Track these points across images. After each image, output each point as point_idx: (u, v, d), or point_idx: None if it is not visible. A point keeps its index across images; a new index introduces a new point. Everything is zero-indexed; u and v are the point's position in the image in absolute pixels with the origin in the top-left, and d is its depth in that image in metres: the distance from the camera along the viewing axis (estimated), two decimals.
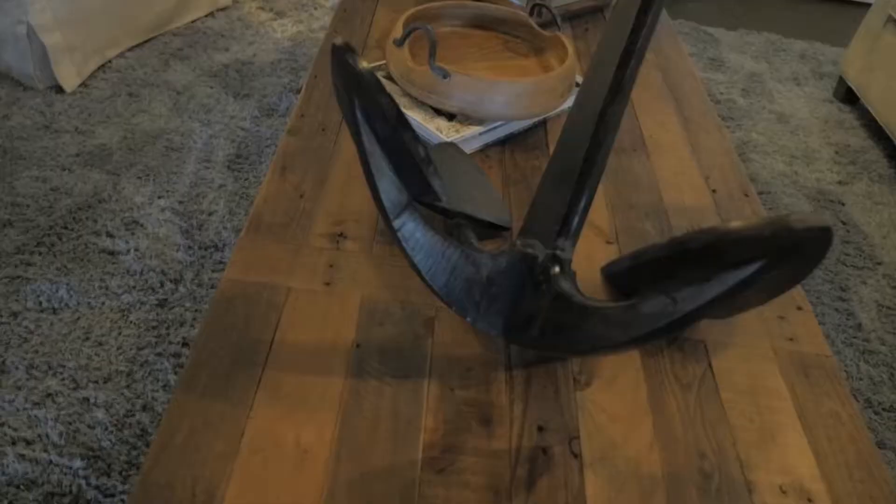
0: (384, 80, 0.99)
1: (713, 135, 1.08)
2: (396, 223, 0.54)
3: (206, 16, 1.99)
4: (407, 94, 0.96)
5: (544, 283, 0.58)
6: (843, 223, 1.59)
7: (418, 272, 0.57)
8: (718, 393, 0.67)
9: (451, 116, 0.94)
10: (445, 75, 0.90)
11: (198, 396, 0.59)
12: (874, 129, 1.99)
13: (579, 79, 1.07)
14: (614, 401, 0.64)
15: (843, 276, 1.41)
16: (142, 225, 1.27)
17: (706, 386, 0.67)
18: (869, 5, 2.96)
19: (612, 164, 0.97)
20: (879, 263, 1.50)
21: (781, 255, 0.39)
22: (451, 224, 0.74)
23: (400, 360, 0.65)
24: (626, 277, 0.66)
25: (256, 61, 1.81)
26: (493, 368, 0.65)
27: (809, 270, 0.45)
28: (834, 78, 2.24)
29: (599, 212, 0.87)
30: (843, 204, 1.66)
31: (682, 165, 1.00)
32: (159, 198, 1.34)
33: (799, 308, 0.78)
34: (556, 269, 0.58)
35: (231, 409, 0.59)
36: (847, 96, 2.10)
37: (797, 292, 0.79)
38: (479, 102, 0.90)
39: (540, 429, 0.61)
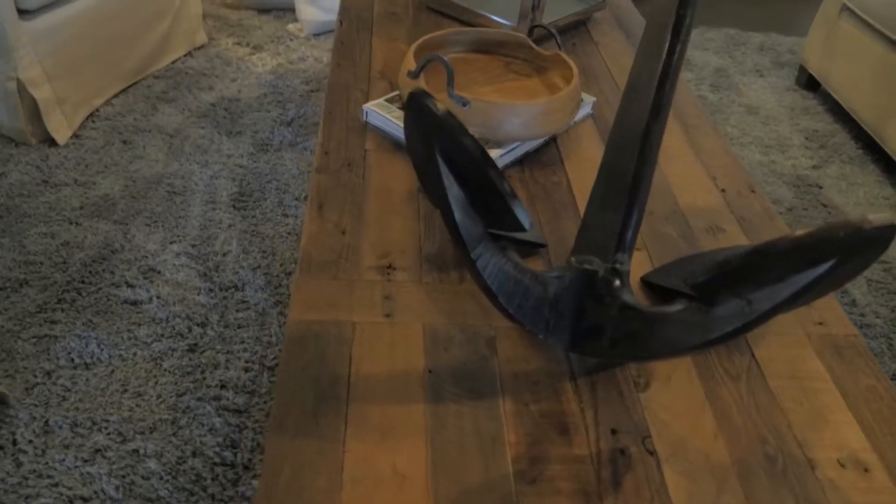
0: (400, 111, 1.03)
1: (710, 136, 1.14)
2: (474, 254, 0.57)
3: (184, 56, 2.00)
4: None
5: (607, 297, 0.62)
6: (824, 206, 1.68)
7: (494, 297, 0.61)
8: (766, 381, 0.72)
9: None
10: (465, 103, 0.94)
11: (291, 437, 0.62)
12: (838, 112, 2.09)
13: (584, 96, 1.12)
14: (674, 398, 0.69)
15: None
16: (159, 272, 1.28)
17: (753, 375, 0.72)
18: None
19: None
20: None
21: (852, 253, 0.44)
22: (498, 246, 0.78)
23: (471, 381, 0.68)
24: (673, 283, 0.70)
25: (242, 97, 1.83)
26: (559, 379, 0.69)
27: (869, 265, 0.50)
28: (794, 67, 2.35)
29: None
30: (821, 187, 1.75)
31: (689, 169, 1.05)
32: (171, 243, 1.35)
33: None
34: (617, 282, 0.62)
35: (326, 445, 0.61)
36: (809, 83, 2.20)
37: None
38: (498, 126, 0.95)
39: (613, 431, 0.65)
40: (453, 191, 0.55)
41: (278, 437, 0.62)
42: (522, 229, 0.54)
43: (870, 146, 1.93)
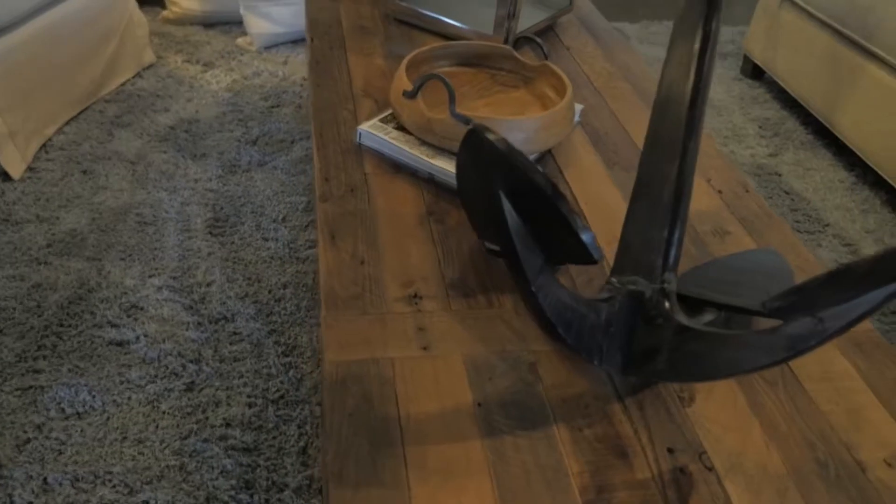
0: (396, 132, 1.01)
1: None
2: (535, 286, 0.57)
3: (134, 77, 1.91)
4: (425, 144, 0.98)
5: (659, 318, 0.62)
6: (787, 192, 1.74)
7: (551, 326, 0.60)
8: (801, 384, 0.73)
9: None
10: (467, 121, 0.92)
11: (353, 488, 0.60)
12: (786, 100, 2.18)
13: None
14: (720, 410, 0.70)
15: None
16: (142, 308, 1.22)
17: (789, 381, 0.74)
18: None
19: (622, 180, 1.03)
20: (827, 225, 1.66)
21: None
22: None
23: (521, 410, 0.67)
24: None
25: (201, 118, 1.76)
26: (607, 401, 0.69)
27: None
28: (738, 57, 2.43)
29: None
30: (780, 174, 1.82)
31: None
32: (150, 276, 1.28)
33: None
34: (667, 303, 0.63)
35: (390, 492, 0.59)
36: (754, 72, 2.28)
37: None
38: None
39: (670, 451, 0.65)
40: (516, 226, 0.54)
41: (340, 489, 0.59)
42: (593, 261, 0.53)
43: (819, 131, 2.02)
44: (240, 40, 2.13)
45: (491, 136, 0.50)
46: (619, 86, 1.28)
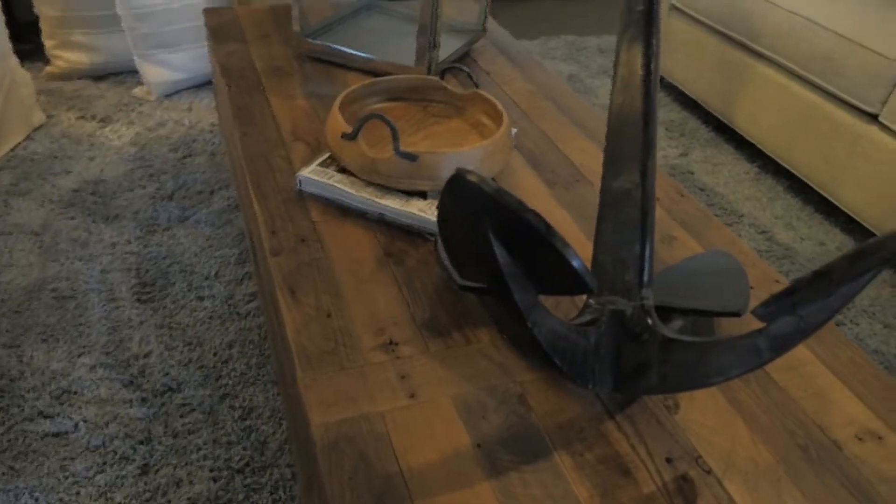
0: (339, 175, 0.98)
1: None
2: (530, 322, 0.57)
3: (24, 140, 1.77)
4: (371, 184, 0.96)
5: (644, 334, 0.64)
6: (701, 189, 1.85)
7: (548, 357, 0.60)
8: (771, 377, 0.77)
9: (423, 195, 0.96)
10: (414, 158, 0.92)
11: None
12: (685, 101, 2.31)
13: None
14: (705, 414, 0.72)
15: None
16: (76, 392, 1.12)
17: (760, 375, 0.77)
18: None
19: (566, 199, 1.05)
20: (742, 215, 1.77)
21: (892, 258, 0.49)
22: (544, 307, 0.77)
23: (521, 443, 0.67)
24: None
25: (108, 177, 1.66)
26: (600, 421, 0.70)
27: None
28: None
29: (589, 248, 0.94)
30: (693, 173, 1.92)
31: None
32: (80, 356, 1.19)
33: (777, 281, 0.92)
34: (649, 319, 0.64)
35: None
36: None
37: (764, 270, 0.94)
38: (450, 174, 0.94)
39: (668, 460, 0.67)
40: (507, 266, 0.54)
41: None
42: (587, 290, 0.54)
43: (719, 128, 2.15)
44: (136, 90, 2.03)
45: (477, 179, 0.49)
46: (542, 105, 1.31)
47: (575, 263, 0.50)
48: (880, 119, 1.60)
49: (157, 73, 1.98)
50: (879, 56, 1.58)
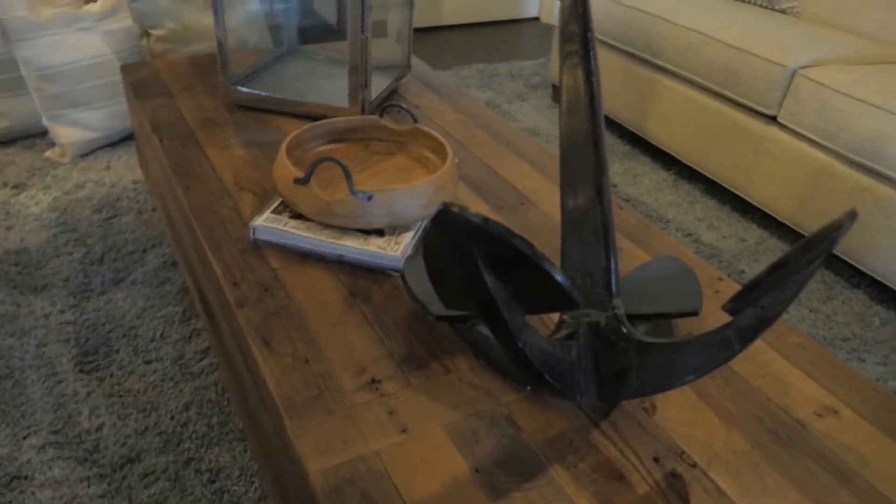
0: (293, 220, 0.98)
1: (555, 165, 1.26)
2: (521, 342, 0.59)
3: None
4: (328, 226, 0.97)
5: (620, 342, 0.67)
6: (626, 200, 1.94)
7: (537, 374, 0.62)
8: (731, 368, 0.82)
9: (380, 232, 0.97)
10: (369, 197, 0.93)
11: None
12: None
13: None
14: (680, 412, 0.76)
15: None
16: (26, 477, 1.05)
17: (721, 369, 0.82)
18: (533, 19, 3.56)
19: (514, 222, 1.09)
20: (668, 221, 1.87)
21: (833, 244, 0.55)
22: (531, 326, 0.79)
23: (517, 463, 0.69)
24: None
25: (30, 246, 1.58)
26: (587, 431, 0.73)
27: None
28: (546, 87, 2.67)
29: None
30: (616, 185, 2.02)
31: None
32: (25, 438, 1.11)
33: (720, 279, 0.99)
34: (623, 327, 0.68)
35: None
36: None
37: (706, 270, 1.00)
38: (403, 211, 0.96)
39: (655, 459, 0.70)
40: (498, 292, 0.56)
41: None
42: (574, 306, 0.57)
43: (634, 140, 2.27)
44: (49, 153, 1.94)
45: (463, 212, 0.52)
46: (476, 134, 1.36)
47: (562, 281, 0.53)
48: (779, 120, 1.74)
49: (70, 133, 1.91)
50: (771, 63, 1.72)
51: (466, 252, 0.54)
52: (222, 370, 1.13)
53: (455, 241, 0.54)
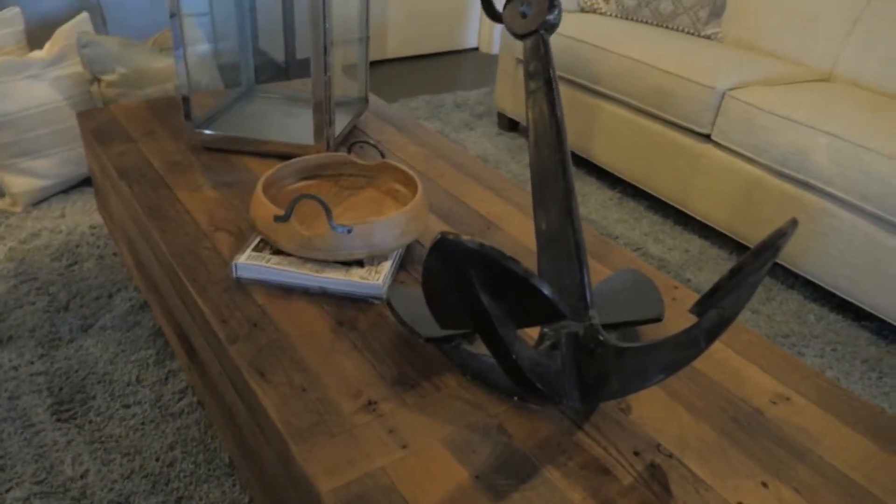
0: (275, 256, 1.02)
1: (514, 190, 1.34)
2: (514, 354, 0.65)
3: None
4: (309, 260, 1.01)
5: (598, 348, 0.74)
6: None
7: (529, 383, 0.69)
8: (694, 367, 0.91)
9: (360, 263, 1.02)
10: (349, 230, 0.98)
11: None
12: None
13: None
14: (653, 409, 0.83)
15: None
16: None
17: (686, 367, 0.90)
18: (473, 49, 3.68)
19: None
20: (616, 237, 1.97)
21: (780, 249, 0.63)
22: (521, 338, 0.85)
23: (513, 468, 0.74)
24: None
25: None
26: (572, 433, 0.79)
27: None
28: (492, 115, 2.78)
29: None
30: None
31: (528, 223, 1.24)
32: (8, 491, 1.10)
33: (675, 287, 1.07)
34: (600, 335, 0.75)
35: None
36: (510, 126, 2.63)
37: (663, 280, 1.09)
38: (381, 241, 1.01)
39: (636, 453, 0.77)
40: (494, 311, 0.62)
41: None
42: (562, 317, 0.63)
43: (579, 162, 2.39)
44: None
45: (461, 239, 0.58)
46: (437, 165, 1.43)
47: (550, 296, 0.60)
48: (712, 138, 1.88)
49: (21, 182, 1.89)
50: (702, 86, 1.86)
51: (464, 275, 0.60)
52: (208, 407, 1.15)
53: (453, 266, 0.60)
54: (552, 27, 0.83)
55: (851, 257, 1.65)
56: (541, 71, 0.81)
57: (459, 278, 0.60)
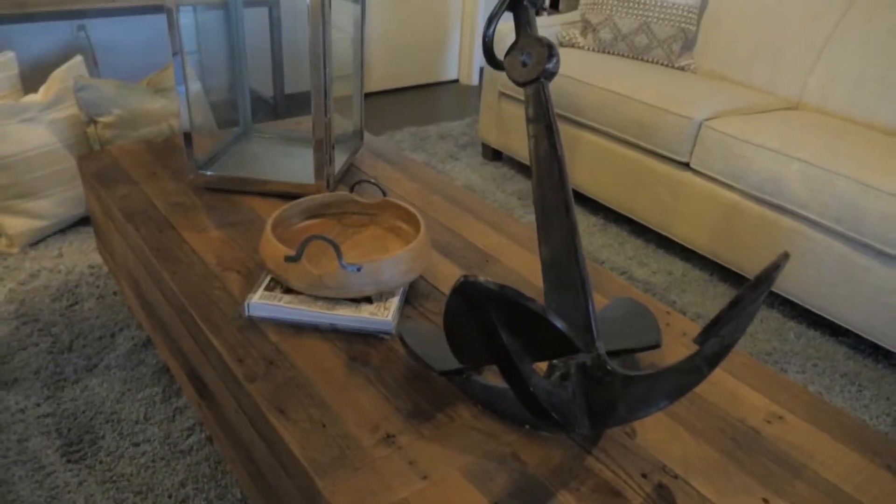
0: (287, 295, 1.06)
1: (508, 223, 1.40)
2: (531, 386, 0.70)
3: None
4: (320, 298, 1.05)
5: (606, 377, 0.79)
6: None
7: (546, 414, 0.73)
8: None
9: (368, 299, 1.07)
10: (359, 268, 1.03)
11: None
12: (526, 170, 2.62)
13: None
14: (656, 432, 0.88)
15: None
16: None
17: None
18: (453, 81, 3.77)
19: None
20: (603, 262, 2.04)
21: (774, 280, 0.69)
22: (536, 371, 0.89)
23: (530, 494, 0.79)
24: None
25: None
26: (582, 459, 0.84)
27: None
28: (476, 145, 2.85)
29: None
30: None
31: (524, 254, 1.29)
32: None
33: (668, 312, 1.13)
34: (608, 365, 0.80)
35: None
36: (494, 155, 2.70)
37: (656, 306, 1.15)
38: (390, 278, 1.06)
39: (644, 475, 0.82)
40: (513, 348, 0.67)
41: None
42: (576, 351, 0.68)
43: None
44: None
45: (483, 281, 0.63)
46: (432, 199, 1.48)
47: (567, 332, 0.65)
48: (691, 166, 1.96)
49: (18, 223, 1.90)
50: (680, 116, 1.95)
51: (485, 314, 0.65)
52: (219, 443, 1.17)
53: (474, 306, 0.65)
54: (551, 75, 0.89)
55: (827, 276, 1.73)
56: (542, 116, 0.87)
57: (481, 318, 0.65)
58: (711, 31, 2.38)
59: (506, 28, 2.42)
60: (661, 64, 2.41)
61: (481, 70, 3.94)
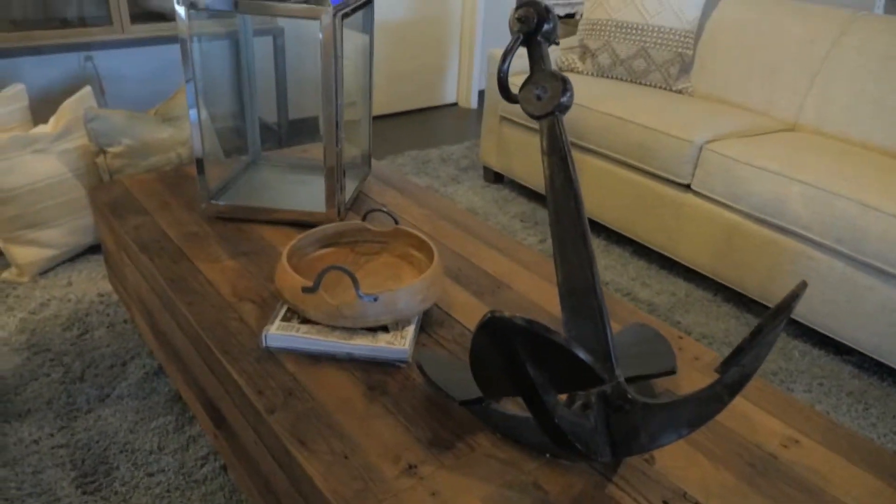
0: (304, 326, 1.08)
1: (516, 248, 1.42)
2: (556, 418, 0.71)
3: None
4: (337, 328, 1.07)
5: (626, 405, 0.81)
6: None
7: (571, 445, 0.75)
8: None
9: (385, 328, 1.08)
10: (375, 298, 1.04)
11: None
12: (529, 194, 2.64)
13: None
14: (675, 459, 0.89)
15: None
16: None
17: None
18: (452, 105, 3.81)
19: (495, 304, 1.22)
20: (607, 283, 2.06)
21: (792, 310, 0.71)
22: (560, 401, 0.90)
23: None
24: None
25: (3, 372, 1.57)
26: (602, 487, 0.85)
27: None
28: (478, 168, 2.88)
29: None
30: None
31: (534, 280, 1.31)
32: None
33: (680, 337, 1.15)
34: (628, 394, 0.81)
35: None
36: (496, 178, 2.73)
37: (667, 331, 1.16)
38: (406, 307, 1.07)
39: (665, 503, 0.83)
40: (540, 381, 0.68)
41: None
42: (601, 383, 0.70)
43: None
44: (6, 274, 1.93)
45: (509, 317, 0.64)
46: (442, 225, 1.50)
47: (592, 365, 0.66)
48: (693, 188, 1.98)
49: (28, 253, 1.91)
50: (680, 140, 1.98)
51: (511, 348, 0.66)
52: (236, 473, 1.18)
53: (501, 341, 0.66)
54: (566, 108, 0.91)
55: (830, 296, 1.75)
56: (556, 148, 0.89)
57: (507, 352, 0.66)
58: (708, 55, 2.42)
59: (497, 53, 2.46)
60: (660, 87, 2.45)
61: (480, 94, 3.99)
